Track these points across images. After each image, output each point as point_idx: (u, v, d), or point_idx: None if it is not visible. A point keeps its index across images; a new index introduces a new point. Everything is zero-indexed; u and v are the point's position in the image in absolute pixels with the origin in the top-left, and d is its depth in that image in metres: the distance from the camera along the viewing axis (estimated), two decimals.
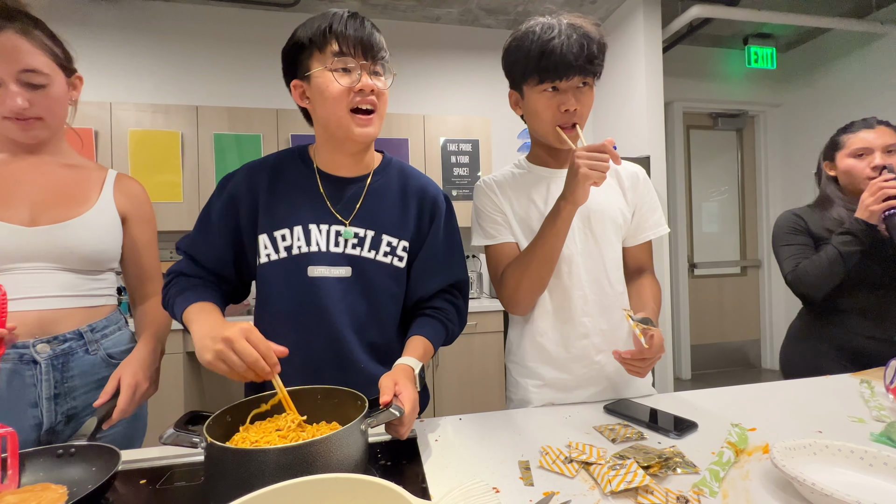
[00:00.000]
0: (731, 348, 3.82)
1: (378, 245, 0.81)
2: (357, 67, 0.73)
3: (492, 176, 0.99)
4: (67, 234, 0.79)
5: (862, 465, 0.56)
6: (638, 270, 0.98)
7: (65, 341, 0.79)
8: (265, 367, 0.59)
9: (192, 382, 2.25)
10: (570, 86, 0.82)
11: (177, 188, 2.41)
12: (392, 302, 0.84)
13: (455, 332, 0.87)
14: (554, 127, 0.85)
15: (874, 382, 0.93)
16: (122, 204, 0.88)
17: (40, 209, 0.79)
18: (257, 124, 2.52)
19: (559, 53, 0.79)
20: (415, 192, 0.86)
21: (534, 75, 0.83)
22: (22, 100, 0.74)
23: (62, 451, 0.60)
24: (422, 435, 0.73)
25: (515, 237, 0.94)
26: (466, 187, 2.77)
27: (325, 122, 0.77)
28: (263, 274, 0.80)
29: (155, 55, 2.69)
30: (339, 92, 0.72)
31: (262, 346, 0.59)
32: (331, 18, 0.72)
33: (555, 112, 0.84)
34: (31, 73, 0.75)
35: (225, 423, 0.59)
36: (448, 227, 0.88)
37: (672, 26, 2.83)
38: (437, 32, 3.09)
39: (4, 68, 0.72)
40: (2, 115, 0.75)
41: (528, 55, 0.82)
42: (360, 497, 0.41)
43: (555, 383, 0.92)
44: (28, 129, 0.77)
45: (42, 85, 0.76)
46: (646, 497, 0.52)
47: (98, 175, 0.88)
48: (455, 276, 0.87)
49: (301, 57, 0.75)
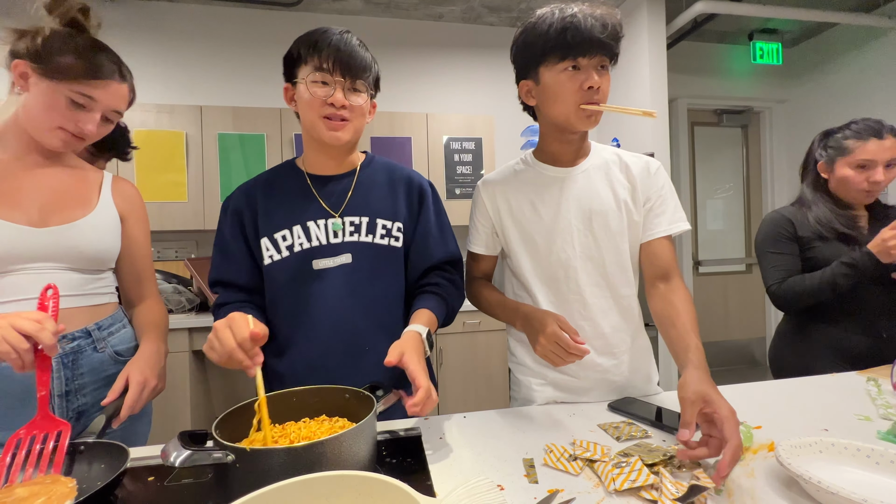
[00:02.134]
0: (737, 346, 3.81)
1: (374, 229, 0.86)
2: (333, 83, 0.79)
3: (493, 175, 0.98)
4: (75, 235, 0.81)
5: (868, 463, 0.55)
6: (661, 276, 0.87)
7: (74, 339, 0.80)
8: (243, 357, 0.60)
9: (197, 380, 2.27)
10: (592, 63, 0.79)
11: (181, 188, 2.42)
12: (395, 281, 0.88)
13: (455, 308, 0.90)
14: (578, 106, 0.80)
15: (881, 380, 0.92)
16: (119, 205, 0.90)
17: (48, 210, 0.80)
18: (261, 124, 2.53)
19: (583, 28, 0.76)
20: (401, 180, 0.92)
21: (555, 53, 0.79)
22: (93, 127, 0.81)
23: (71, 448, 0.61)
24: (427, 433, 0.73)
25: (506, 240, 0.94)
26: (469, 185, 2.77)
27: (305, 126, 0.84)
28: (270, 275, 0.85)
29: (158, 55, 2.70)
30: (312, 101, 0.79)
31: (239, 335, 0.60)
32: (322, 35, 0.79)
33: (578, 90, 0.79)
34: (117, 114, 0.85)
35: (227, 430, 0.57)
36: (437, 209, 0.93)
37: (676, 22, 2.81)
38: (439, 30, 3.08)
39: (104, 106, 0.81)
40: (59, 125, 0.78)
41: (548, 33, 0.79)
42: (365, 494, 0.41)
43: (556, 383, 0.92)
44: (71, 146, 0.82)
45: (113, 122, 0.86)
46: (650, 493, 0.53)
47: (96, 177, 0.90)
48: (450, 251, 0.92)
49: (293, 64, 0.82)
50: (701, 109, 3.62)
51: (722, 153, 3.76)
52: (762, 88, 3.65)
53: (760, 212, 3.80)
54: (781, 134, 3.72)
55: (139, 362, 0.80)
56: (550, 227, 0.90)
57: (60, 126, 0.78)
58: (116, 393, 0.75)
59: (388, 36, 3.00)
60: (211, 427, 0.55)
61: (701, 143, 3.69)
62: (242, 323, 0.61)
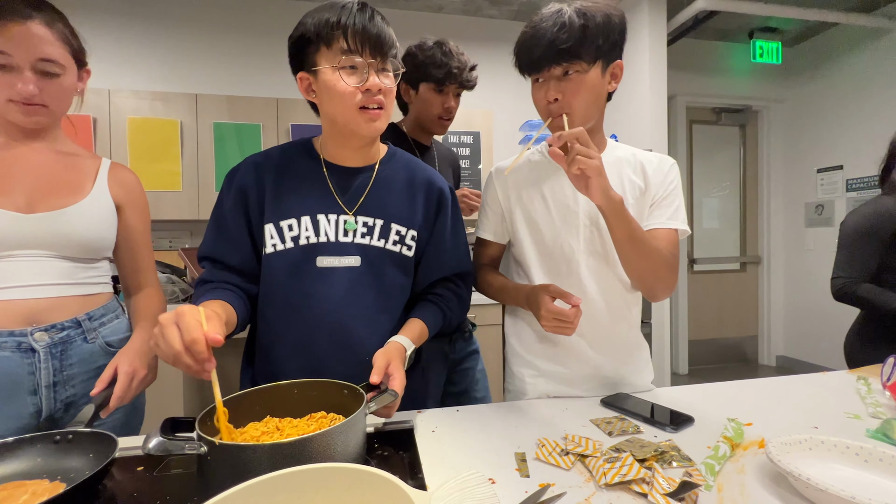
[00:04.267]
0: (729, 344, 3.84)
1: (387, 234, 0.81)
2: (365, 66, 0.71)
3: (506, 162, 0.97)
4: (64, 222, 0.79)
5: (857, 461, 0.56)
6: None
7: (63, 329, 0.79)
8: (190, 362, 0.51)
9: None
10: (550, 76, 0.81)
11: (176, 177, 2.40)
12: (400, 291, 0.84)
13: (453, 320, 0.87)
14: (548, 118, 0.84)
15: (871, 379, 0.93)
16: (116, 193, 0.88)
17: (37, 196, 0.78)
18: (257, 113, 2.50)
19: (534, 46, 0.79)
20: (422, 184, 0.86)
21: (521, 70, 0.85)
22: (34, 86, 0.75)
23: (59, 437, 0.60)
24: (419, 426, 0.73)
25: (513, 228, 0.94)
26: (468, 180, 2.76)
27: (332, 118, 0.76)
28: (269, 264, 0.79)
29: (154, 42, 2.66)
30: (347, 91, 0.71)
31: (188, 335, 0.51)
32: (339, 11, 0.70)
33: (543, 104, 0.83)
34: (48, 62, 0.77)
35: (207, 426, 0.55)
36: (454, 217, 0.89)
37: (677, 18, 2.80)
38: (439, 22, 3.06)
39: (24, 55, 0.74)
40: (7, 98, 0.75)
41: (518, 47, 0.83)
42: (355, 487, 0.41)
43: (550, 374, 0.93)
44: (31, 114, 0.78)
45: (55, 74, 0.78)
46: (640, 487, 0.53)
47: (92, 164, 0.88)
48: (461, 266, 0.89)
49: (308, 50, 0.73)
50: (699, 107, 3.63)
51: (719, 152, 3.76)
52: (761, 87, 3.66)
53: (756, 211, 3.82)
54: (779, 134, 3.73)
55: (129, 352, 0.79)
56: (558, 220, 0.90)
57: (8, 98, 0.75)
58: (104, 383, 0.74)
59: None
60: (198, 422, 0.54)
61: (699, 141, 3.70)
62: (193, 321, 0.52)
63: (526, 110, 2.98)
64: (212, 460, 0.49)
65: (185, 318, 0.52)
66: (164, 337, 0.52)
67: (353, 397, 0.62)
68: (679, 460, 0.60)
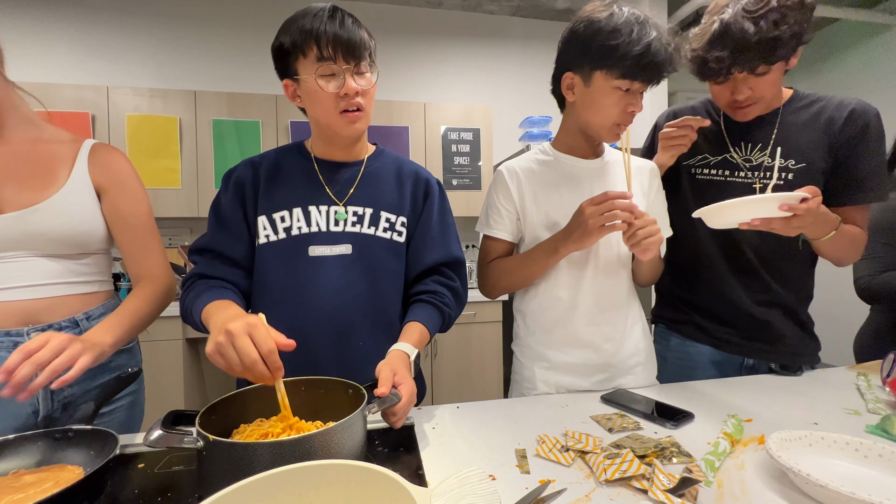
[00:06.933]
0: None
1: (377, 221, 0.84)
2: (340, 72, 0.74)
3: (514, 163, 0.98)
4: (38, 220, 0.75)
5: (857, 456, 0.56)
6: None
7: (60, 330, 0.78)
8: (264, 371, 0.55)
9: (191, 369, 2.27)
10: (642, 89, 0.83)
11: (175, 174, 2.39)
12: (393, 277, 0.86)
13: (452, 316, 0.87)
14: (614, 124, 0.85)
15: (871, 375, 0.93)
16: (97, 176, 0.82)
17: (5, 195, 0.74)
18: (256, 110, 2.49)
19: (658, 60, 0.78)
20: (409, 174, 0.90)
21: (620, 69, 0.79)
22: None
23: (60, 434, 0.60)
24: (419, 423, 0.73)
25: (528, 227, 0.94)
26: (467, 176, 2.75)
27: (316, 121, 0.81)
28: (262, 255, 0.81)
29: (153, 39, 2.65)
30: (327, 98, 0.75)
31: (264, 346, 0.54)
32: (311, 20, 0.72)
33: (621, 111, 0.83)
34: None
35: (210, 421, 0.56)
36: (441, 207, 0.91)
37: (679, 13, 2.79)
38: (438, 18, 3.04)
39: None
40: None
41: (628, 48, 0.77)
42: (356, 484, 0.41)
43: (561, 367, 0.93)
44: None
45: None
46: (640, 483, 0.53)
47: (71, 148, 0.82)
48: (451, 252, 0.89)
49: (288, 60, 0.76)
50: None
51: None
52: None
53: None
54: None
55: (86, 335, 0.70)
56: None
57: None
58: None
59: (386, 23, 2.95)
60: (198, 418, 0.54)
61: None
62: (265, 332, 0.55)
63: (525, 107, 2.97)
64: (212, 458, 0.49)
65: (259, 330, 0.55)
66: (238, 347, 0.54)
67: (357, 397, 0.62)
68: (679, 456, 0.60)
